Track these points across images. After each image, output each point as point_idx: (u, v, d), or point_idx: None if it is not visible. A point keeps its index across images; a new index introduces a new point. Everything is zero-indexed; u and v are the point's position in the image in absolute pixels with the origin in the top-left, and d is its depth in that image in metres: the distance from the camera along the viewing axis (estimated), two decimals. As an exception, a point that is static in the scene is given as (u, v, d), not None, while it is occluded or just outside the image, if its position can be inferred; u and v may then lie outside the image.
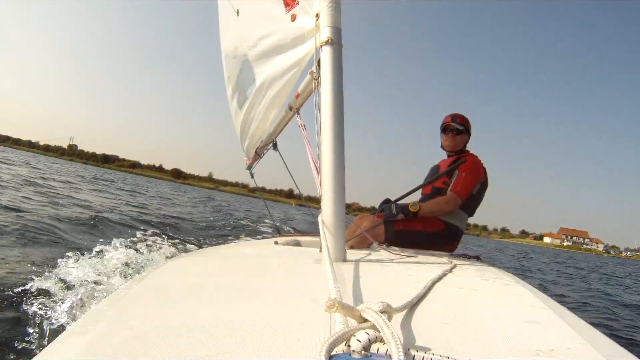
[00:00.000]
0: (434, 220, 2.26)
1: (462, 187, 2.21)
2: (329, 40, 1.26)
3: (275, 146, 2.81)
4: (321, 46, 1.28)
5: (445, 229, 2.27)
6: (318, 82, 1.30)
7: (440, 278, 0.94)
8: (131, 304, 0.65)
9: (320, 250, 1.27)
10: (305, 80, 1.85)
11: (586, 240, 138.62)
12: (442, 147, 2.53)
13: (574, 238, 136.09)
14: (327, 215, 1.16)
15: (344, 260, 1.15)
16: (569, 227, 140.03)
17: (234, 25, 2.44)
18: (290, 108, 2.14)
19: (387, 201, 2.47)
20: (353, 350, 0.40)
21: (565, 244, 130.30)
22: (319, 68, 1.30)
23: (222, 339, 0.49)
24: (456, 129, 2.42)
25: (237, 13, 2.34)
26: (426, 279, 0.86)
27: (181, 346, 0.46)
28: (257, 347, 0.47)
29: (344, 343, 0.41)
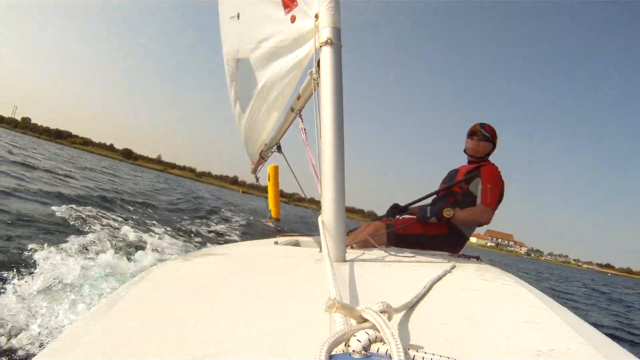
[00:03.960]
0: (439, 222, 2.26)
1: (491, 198, 2.24)
2: (329, 40, 1.26)
3: (279, 149, 2.81)
4: (320, 47, 1.29)
5: (449, 232, 2.27)
6: (318, 83, 1.31)
7: (440, 278, 0.93)
8: (131, 304, 0.65)
9: (320, 250, 1.27)
10: (305, 81, 1.86)
11: (510, 242, 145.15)
12: (464, 151, 2.57)
13: (499, 240, 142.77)
14: (327, 215, 1.16)
15: (344, 260, 1.14)
16: (496, 230, 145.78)
17: (234, 29, 2.45)
18: (292, 110, 2.14)
19: (395, 206, 2.48)
20: (353, 351, 0.40)
21: (488, 244, 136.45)
22: (319, 69, 1.30)
23: (222, 339, 0.49)
24: (483, 135, 2.47)
25: (238, 16, 2.34)
26: (426, 279, 0.86)
27: (181, 346, 0.46)
28: (257, 347, 0.47)
29: (344, 343, 0.41)
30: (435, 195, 2.45)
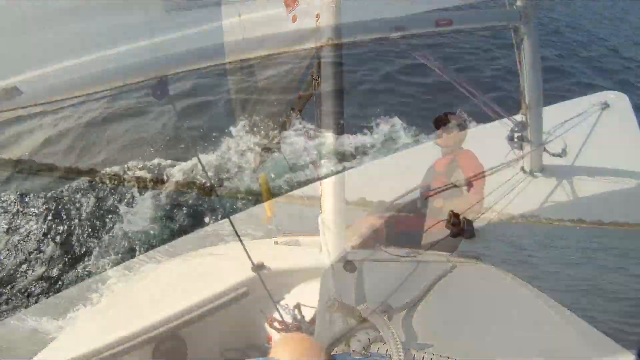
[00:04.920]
0: (436, 220, 2.26)
1: (476, 186, 2.23)
2: (330, 40, 1.26)
3: (279, 149, 2.81)
4: (321, 47, 1.29)
5: (446, 226, 2.28)
6: (319, 83, 1.31)
7: (440, 278, 0.93)
8: (131, 303, 0.65)
9: (321, 250, 1.27)
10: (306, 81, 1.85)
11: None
12: (436, 143, 2.55)
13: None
14: (327, 215, 1.16)
15: (344, 260, 1.14)
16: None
17: (235, 29, 2.44)
18: (293, 109, 2.14)
19: (385, 202, 2.48)
20: (353, 350, 0.40)
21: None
22: (320, 69, 1.30)
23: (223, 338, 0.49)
24: (452, 124, 2.44)
25: (239, 16, 2.34)
26: (426, 279, 0.86)
27: (182, 345, 0.46)
28: (257, 347, 0.47)
29: (344, 343, 0.41)
30: (419, 190, 2.46)
